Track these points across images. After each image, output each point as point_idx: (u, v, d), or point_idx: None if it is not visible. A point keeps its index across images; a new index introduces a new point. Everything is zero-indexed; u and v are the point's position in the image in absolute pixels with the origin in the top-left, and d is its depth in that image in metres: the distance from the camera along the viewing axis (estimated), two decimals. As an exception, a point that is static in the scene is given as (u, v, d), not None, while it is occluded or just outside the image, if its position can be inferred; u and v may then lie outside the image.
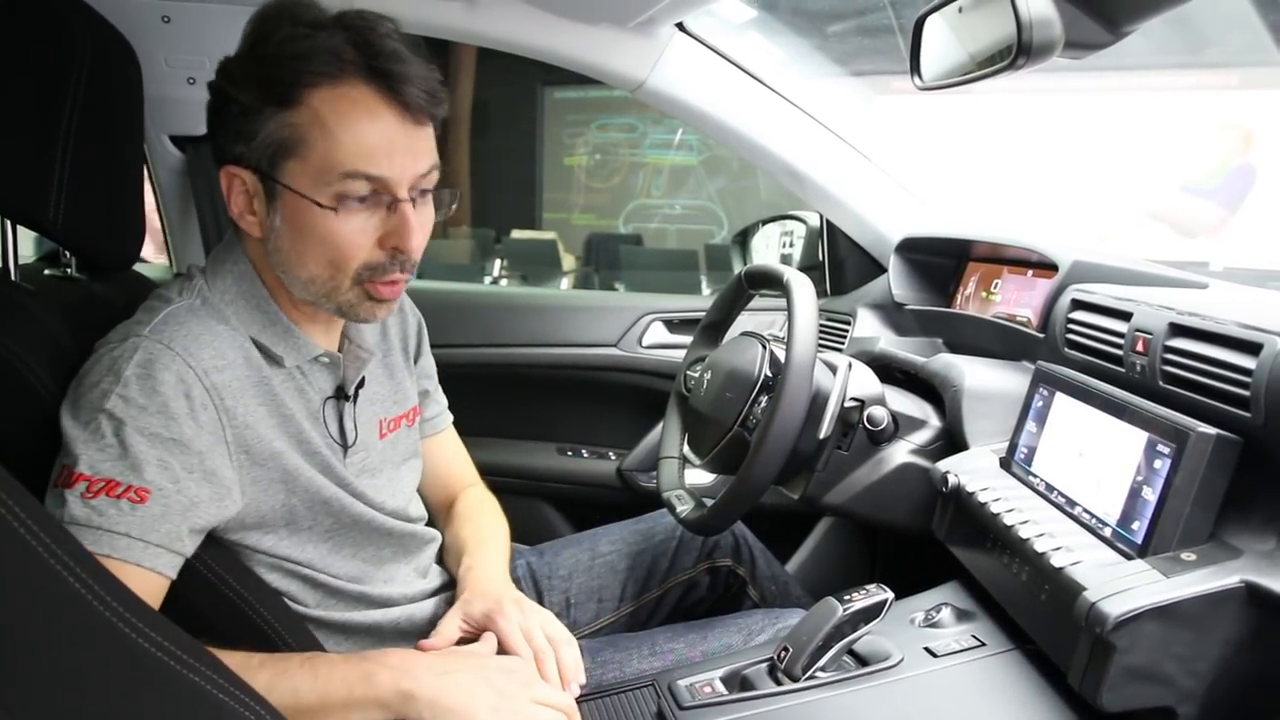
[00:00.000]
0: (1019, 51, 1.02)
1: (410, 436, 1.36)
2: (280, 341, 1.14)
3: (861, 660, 1.15)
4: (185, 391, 1.01)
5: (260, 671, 0.97)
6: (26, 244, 1.25)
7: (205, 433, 1.03)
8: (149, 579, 0.97)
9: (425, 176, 1.09)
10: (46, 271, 1.31)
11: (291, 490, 1.13)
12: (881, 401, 1.41)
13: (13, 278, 1.20)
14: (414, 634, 1.27)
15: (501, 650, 1.15)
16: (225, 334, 1.09)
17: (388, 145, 1.04)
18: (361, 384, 1.25)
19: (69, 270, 1.31)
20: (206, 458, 1.03)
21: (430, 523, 1.41)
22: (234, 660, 0.90)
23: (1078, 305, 1.32)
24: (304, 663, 1.00)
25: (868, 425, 1.39)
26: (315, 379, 1.19)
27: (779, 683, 1.11)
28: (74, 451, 0.97)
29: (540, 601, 1.55)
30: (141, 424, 0.98)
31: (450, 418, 1.52)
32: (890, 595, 1.12)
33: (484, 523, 1.44)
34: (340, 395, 1.22)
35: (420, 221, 1.10)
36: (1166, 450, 0.99)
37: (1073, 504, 1.12)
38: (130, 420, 0.98)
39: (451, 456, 1.53)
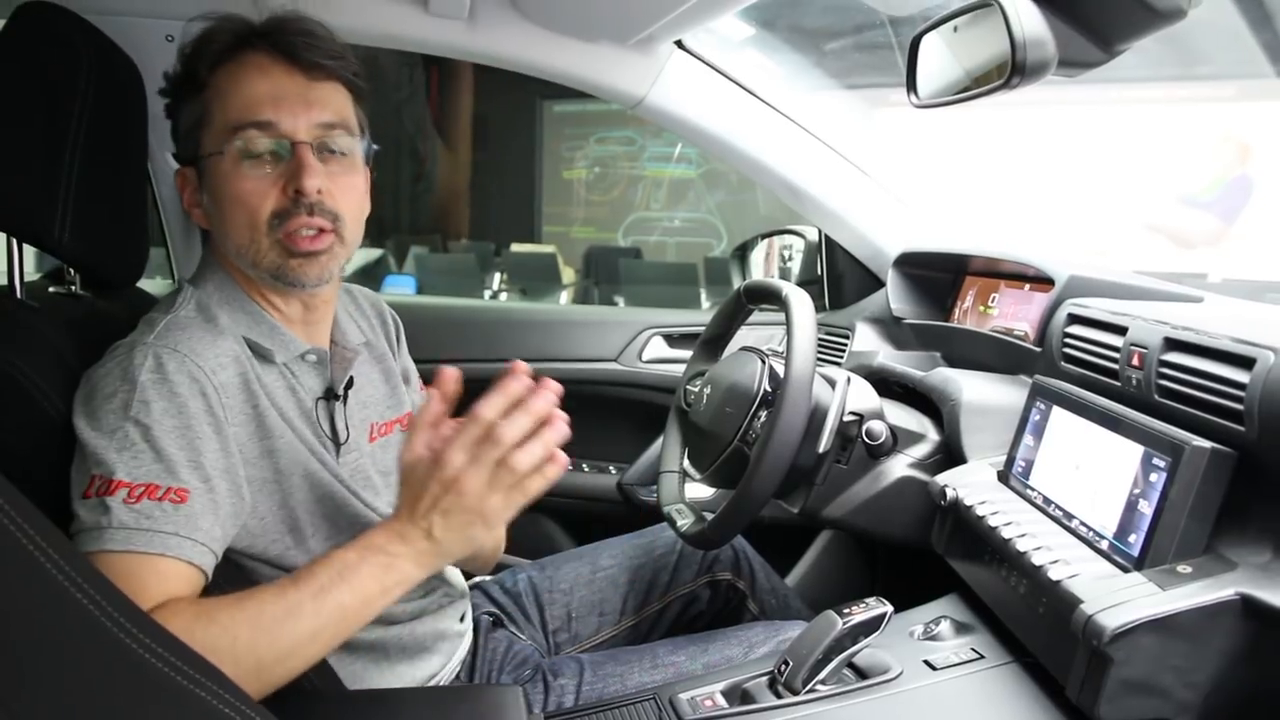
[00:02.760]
0: (1013, 70, 1.04)
1: (393, 449, 1.36)
2: (267, 338, 1.17)
3: (861, 673, 1.15)
4: (200, 390, 1.05)
5: (305, 603, 0.97)
6: (30, 260, 1.26)
7: (220, 429, 1.06)
8: (195, 577, 1.00)
9: (332, 130, 1.15)
10: (51, 289, 1.32)
11: (289, 490, 1.14)
12: (880, 415, 1.42)
13: (19, 295, 1.21)
14: (416, 649, 1.28)
15: None
16: (221, 337, 1.12)
17: (276, 94, 1.12)
18: (350, 384, 1.26)
19: (73, 287, 1.32)
20: (224, 455, 1.05)
21: None
22: (281, 603, 0.95)
23: (1074, 320, 1.33)
24: (335, 577, 0.98)
25: (866, 439, 1.40)
26: (304, 379, 1.21)
27: (779, 696, 1.12)
28: (106, 461, 0.98)
29: (541, 615, 1.56)
30: (167, 426, 1.01)
31: None
32: (889, 608, 1.12)
33: None
34: (330, 395, 1.24)
35: (331, 173, 1.14)
36: (1162, 464, 1.00)
37: (1070, 517, 1.12)
38: (155, 424, 1.00)
39: None
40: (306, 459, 1.16)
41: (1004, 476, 1.29)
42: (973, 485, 1.29)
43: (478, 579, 1.60)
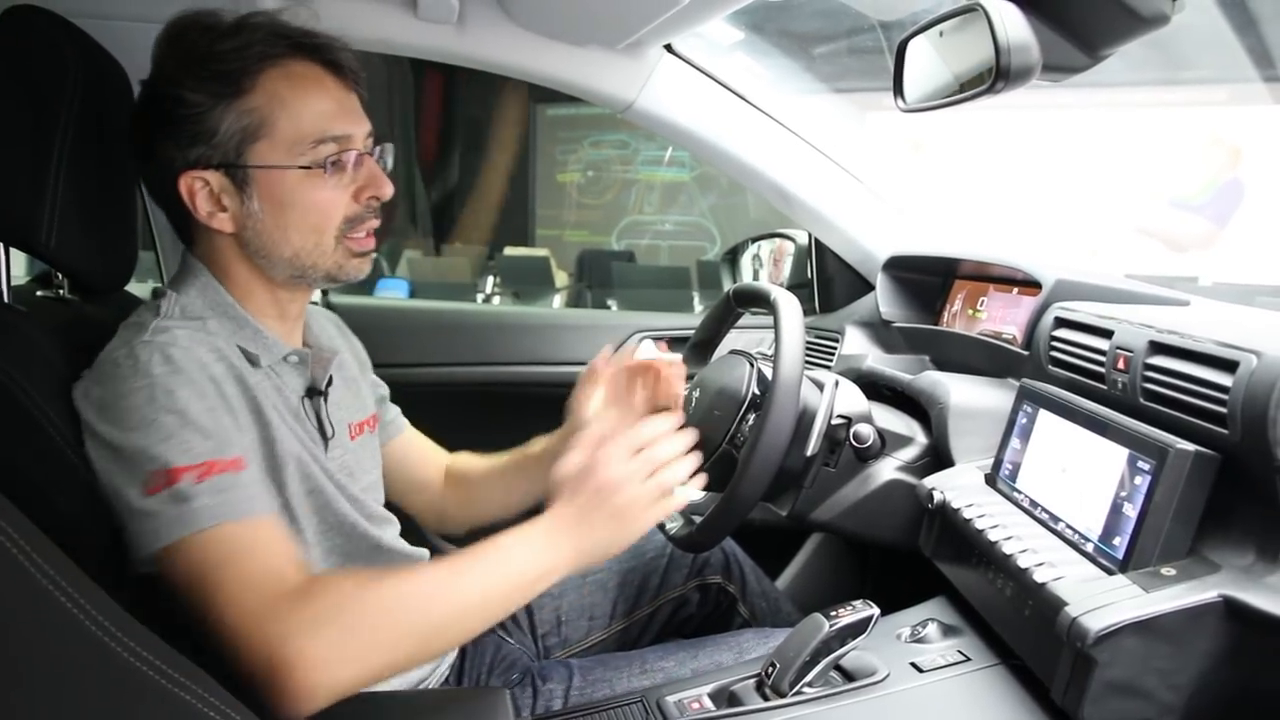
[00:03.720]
0: (998, 75, 1.04)
1: (374, 444, 1.40)
2: (252, 341, 1.18)
3: (848, 676, 1.16)
4: (208, 375, 1.07)
5: (464, 577, 1.04)
6: (19, 264, 1.26)
7: (232, 411, 1.08)
8: (280, 525, 1.05)
9: (370, 138, 1.21)
10: (39, 293, 1.31)
11: (284, 481, 1.15)
12: (868, 419, 1.42)
13: (6, 300, 1.21)
14: None
15: None
16: (211, 337, 1.13)
17: (339, 108, 1.16)
18: (330, 383, 1.28)
19: (61, 292, 1.32)
20: (243, 431, 1.08)
21: (419, 543, 1.43)
22: (439, 577, 1.02)
23: (1061, 323, 1.33)
24: (494, 560, 1.05)
25: (854, 442, 1.40)
26: (288, 379, 1.22)
27: (766, 698, 1.12)
28: (157, 454, 0.99)
29: (530, 619, 1.55)
30: (197, 408, 1.02)
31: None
32: (876, 611, 1.13)
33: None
34: (313, 393, 1.25)
35: None
36: (1147, 466, 1.00)
37: (1056, 520, 1.13)
38: (187, 408, 1.02)
39: (426, 442, 1.58)
40: (300, 451, 1.17)
41: (991, 479, 1.29)
42: (960, 488, 1.29)
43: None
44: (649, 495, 1.09)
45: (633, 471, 1.08)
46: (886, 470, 1.43)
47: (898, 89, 1.33)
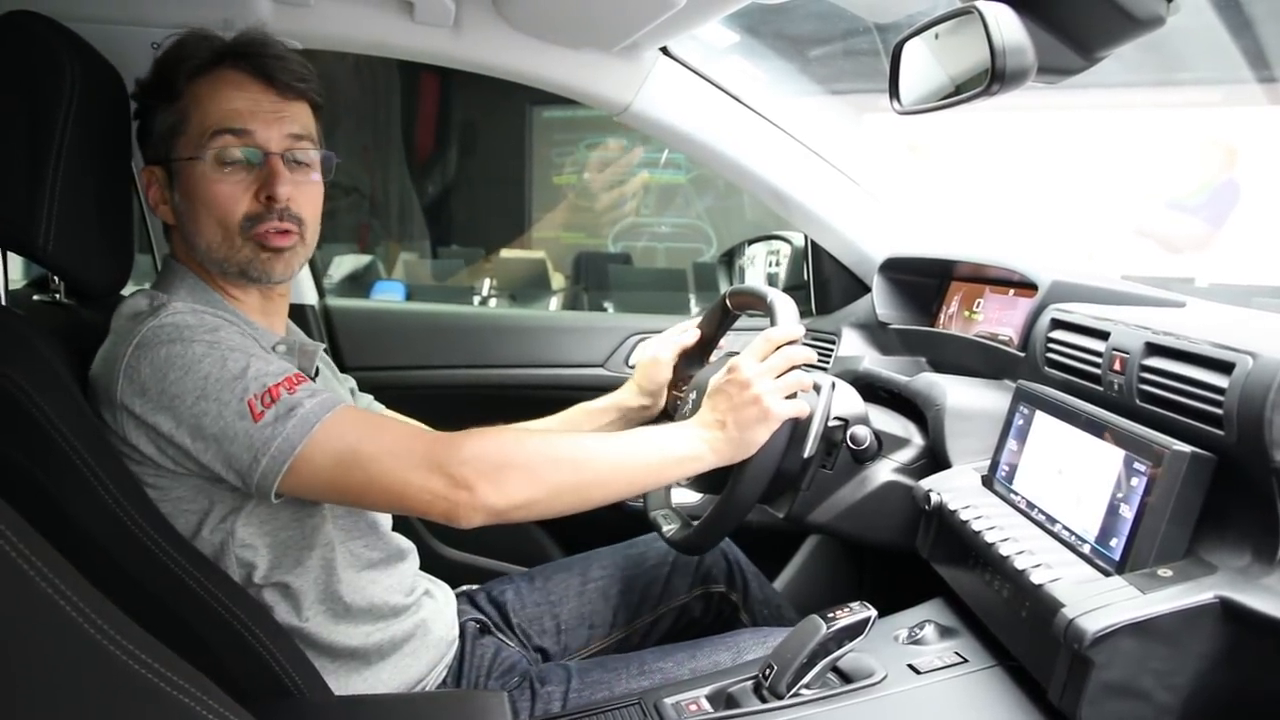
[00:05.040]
0: (993, 78, 1.05)
1: None
2: (243, 330, 1.20)
3: (846, 677, 1.16)
4: (233, 327, 1.16)
5: (614, 443, 1.26)
6: (15, 268, 1.26)
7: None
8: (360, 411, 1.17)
9: (299, 142, 1.26)
10: (36, 297, 1.31)
11: None
12: (865, 421, 1.42)
13: (2, 303, 1.21)
14: (392, 652, 1.28)
15: None
16: (210, 316, 1.17)
17: (252, 107, 1.22)
18: (317, 373, 1.30)
19: (58, 295, 1.32)
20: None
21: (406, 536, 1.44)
22: (592, 439, 1.27)
23: (1057, 325, 1.33)
24: (645, 435, 1.29)
25: (851, 444, 1.40)
26: None
27: (764, 700, 1.12)
28: (242, 379, 1.08)
29: (529, 626, 1.55)
30: (245, 343, 1.12)
31: None
32: (873, 613, 1.13)
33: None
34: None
35: (296, 181, 1.24)
36: (1143, 468, 1.01)
37: (1053, 521, 1.13)
38: (239, 343, 1.11)
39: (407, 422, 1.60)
40: None
41: (988, 481, 1.29)
42: (957, 490, 1.29)
43: (465, 587, 1.60)
44: (780, 394, 1.27)
45: (766, 377, 1.27)
46: (883, 472, 1.43)
47: (893, 91, 1.34)
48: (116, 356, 1.11)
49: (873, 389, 1.66)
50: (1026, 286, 1.50)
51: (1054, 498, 1.15)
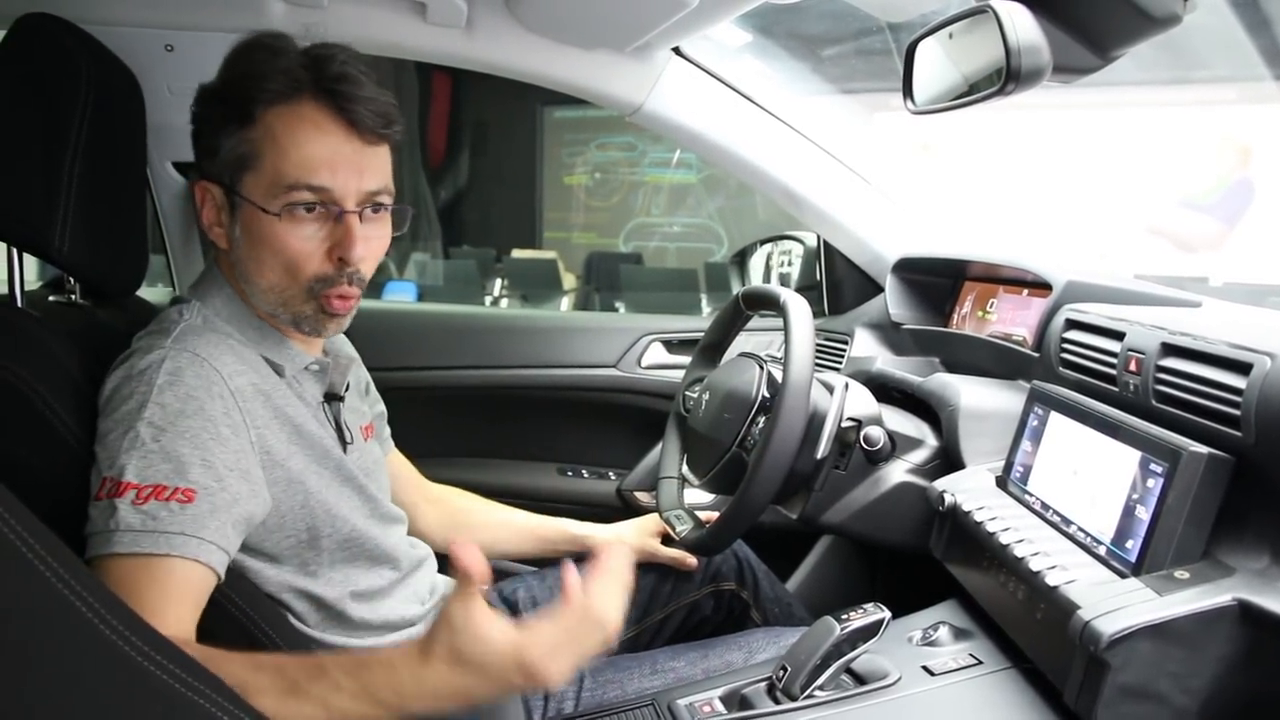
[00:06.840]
0: (1008, 77, 1.04)
1: (376, 449, 1.42)
2: (276, 351, 1.21)
3: (859, 679, 1.15)
4: (219, 393, 1.07)
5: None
6: (30, 269, 1.27)
7: (237, 431, 1.08)
8: (205, 576, 1.01)
9: (376, 196, 1.17)
10: (51, 298, 1.32)
11: (311, 489, 1.17)
12: (878, 421, 1.42)
13: (19, 304, 1.21)
14: None
15: None
16: (234, 346, 1.15)
17: (332, 158, 1.12)
18: (347, 389, 1.31)
19: (73, 296, 1.33)
20: (242, 456, 1.07)
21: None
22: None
23: (1072, 325, 1.33)
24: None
25: (865, 445, 1.40)
26: (307, 386, 1.25)
27: (777, 701, 1.11)
28: (119, 462, 1.00)
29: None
30: (181, 427, 1.02)
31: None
32: (887, 614, 1.12)
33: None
34: (332, 398, 1.28)
35: (367, 235, 1.17)
36: (1159, 469, 1.00)
37: (1068, 522, 1.12)
38: (170, 425, 1.02)
39: (407, 467, 1.61)
40: (323, 456, 1.20)
41: (1002, 482, 1.29)
42: (971, 491, 1.29)
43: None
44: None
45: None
46: (897, 473, 1.43)
47: (907, 90, 1.33)
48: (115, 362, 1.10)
49: (886, 389, 1.65)
50: (1040, 286, 1.50)
51: (1069, 499, 1.14)
